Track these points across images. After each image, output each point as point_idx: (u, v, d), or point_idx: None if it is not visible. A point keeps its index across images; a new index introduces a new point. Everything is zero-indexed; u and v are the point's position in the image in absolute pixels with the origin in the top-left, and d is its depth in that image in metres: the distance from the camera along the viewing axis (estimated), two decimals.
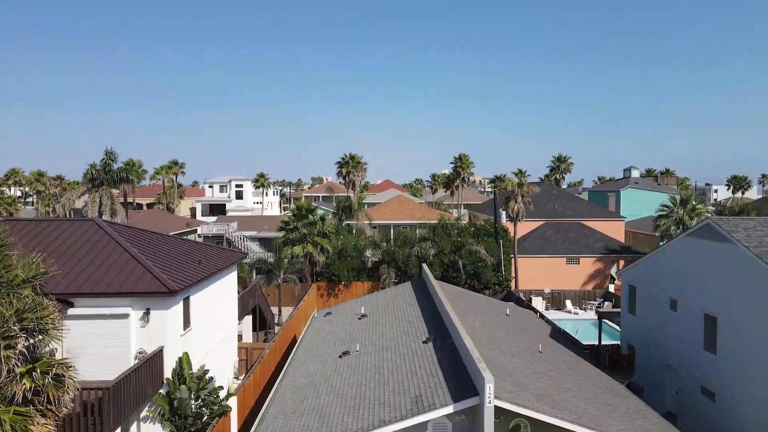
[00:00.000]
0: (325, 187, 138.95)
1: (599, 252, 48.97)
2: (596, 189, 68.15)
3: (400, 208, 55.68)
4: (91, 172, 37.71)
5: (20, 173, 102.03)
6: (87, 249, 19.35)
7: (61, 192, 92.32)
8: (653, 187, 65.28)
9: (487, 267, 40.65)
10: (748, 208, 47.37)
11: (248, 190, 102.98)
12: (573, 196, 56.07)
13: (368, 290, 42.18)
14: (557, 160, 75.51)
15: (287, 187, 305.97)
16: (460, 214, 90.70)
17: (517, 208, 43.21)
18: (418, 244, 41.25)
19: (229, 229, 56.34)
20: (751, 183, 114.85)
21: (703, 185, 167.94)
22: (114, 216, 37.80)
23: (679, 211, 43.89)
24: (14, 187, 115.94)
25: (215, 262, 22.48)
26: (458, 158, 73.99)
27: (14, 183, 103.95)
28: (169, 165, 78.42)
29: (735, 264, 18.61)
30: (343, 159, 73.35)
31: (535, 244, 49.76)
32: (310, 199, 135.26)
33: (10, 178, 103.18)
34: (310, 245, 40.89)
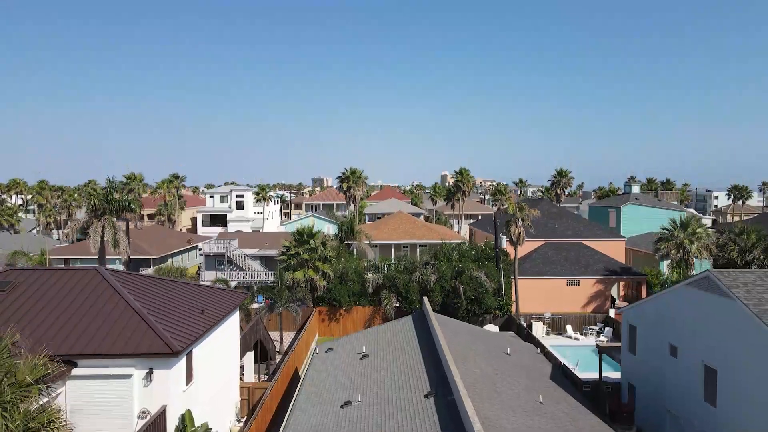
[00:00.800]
0: (325, 194, 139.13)
1: (600, 273, 49.02)
2: (597, 204, 68.26)
3: (400, 227, 55.77)
4: (93, 203, 37.75)
5: (22, 184, 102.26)
6: (90, 302, 19.47)
7: (62, 203, 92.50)
8: (653, 203, 65.37)
9: (487, 292, 40.73)
10: (748, 230, 47.23)
11: (249, 201, 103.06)
12: (573, 215, 56.16)
13: (369, 315, 42.37)
14: (558, 174, 75.61)
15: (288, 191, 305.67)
16: (460, 227, 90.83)
17: (517, 232, 43.27)
18: (419, 270, 41.35)
19: (230, 247, 56.38)
20: (751, 192, 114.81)
21: (703, 191, 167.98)
22: (117, 246, 37.89)
23: (680, 234, 43.95)
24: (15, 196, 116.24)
25: (217, 309, 22.59)
26: (459, 172, 74.07)
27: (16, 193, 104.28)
28: (170, 179, 78.63)
29: (735, 320, 18.69)
30: (343, 174, 73.51)
31: (536, 266, 49.79)
32: (311, 207, 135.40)
33: (12, 188, 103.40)
34: (311, 270, 41.01)
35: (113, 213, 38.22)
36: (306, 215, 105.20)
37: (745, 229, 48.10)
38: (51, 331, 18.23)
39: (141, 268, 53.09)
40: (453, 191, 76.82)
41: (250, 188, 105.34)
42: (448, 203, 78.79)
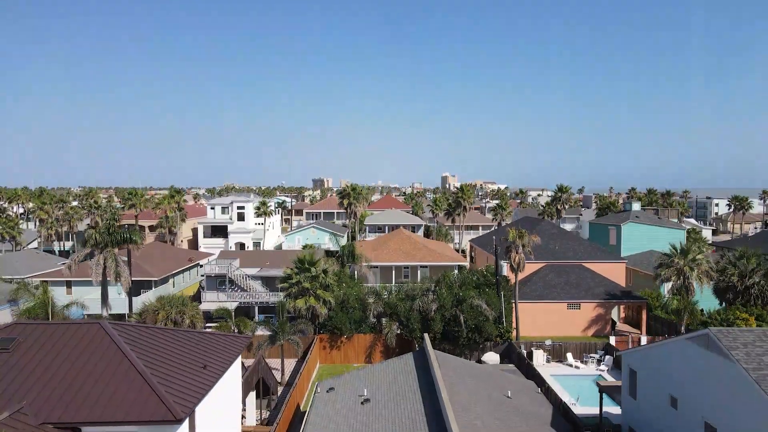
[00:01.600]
0: (326, 202, 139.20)
1: (600, 297, 49.16)
2: (597, 222, 68.33)
3: (401, 247, 55.85)
4: (94, 237, 37.85)
5: (24, 196, 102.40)
6: (94, 361, 19.60)
7: (63, 216, 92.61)
8: (653, 221, 65.47)
9: (488, 320, 40.82)
10: (748, 254, 47.32)
11: (250, 212, 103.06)
12: (574, 236, 56.26)
13: (370, 342, 42.49)
14: (559, 190, 75.62)
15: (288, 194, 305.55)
16: (461, 238, 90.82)
17: (518, 258, 43.37)
18: (419, 298, 41.45)
19: (231, 268, 56.50)
20: (751, 204, 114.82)
21: (704, 198, 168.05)
22: (119, 279, 37.98)
23: (680, 260, 44.05)
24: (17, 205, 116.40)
25: (220, 360, 22.71)
26: (459, 188, 74.19)
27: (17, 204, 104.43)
28: (171, 194, 78.74)
29: (735, 382, 18.79)
30: (344, 190, 73.57)
31: (536, 289, 49.93)
32: (312, 215, 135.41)
33: (14, 200, 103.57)
34: (312, 298, 41.13)
35: (115, 245, 38.29)
36: (307, 225, 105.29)
37: (745, 253, 48.24)
38: (56, 394, 18.38)
39: (142, 290, 53.22)
40: (453, 206, 76.93)
41: (251, 200, 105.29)
42: (448, 218, 78.89)
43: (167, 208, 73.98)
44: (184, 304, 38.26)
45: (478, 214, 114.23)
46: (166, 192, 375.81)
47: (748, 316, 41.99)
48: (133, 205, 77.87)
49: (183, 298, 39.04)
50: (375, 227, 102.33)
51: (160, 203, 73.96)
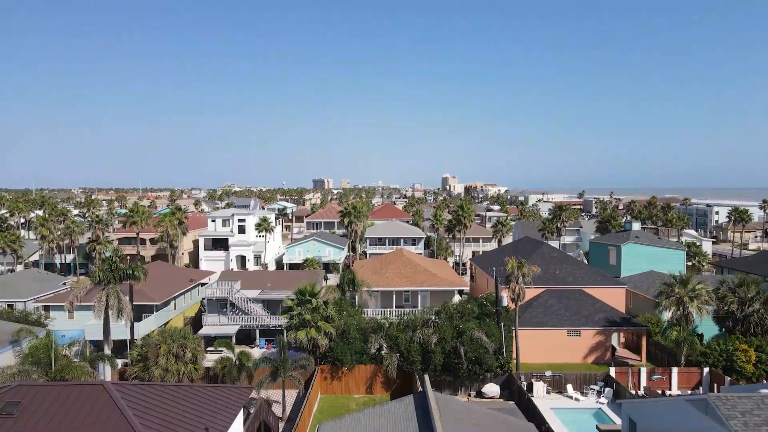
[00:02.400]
0: (326, 211, 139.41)
1: (600, 324, 49.33)
2: (597, 241, 68.52)
3: (402, 271, 56.00)
4: (98, 275, 38.01)
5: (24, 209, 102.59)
6: (98, 427, 19.78)
7: (65, 230, 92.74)
8: (653, 241, 65.65)
9: (488, 352, 40.98)
10: (747, 281, 47.48)
11: (251, 225, 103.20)
12: (574, 260, 56.44)
13: (371, 374, 42.67)
14: (558, 208, 75.86)
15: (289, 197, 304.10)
16: (462, 251, 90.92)
17: (518, 289, 43.52)
18: (420, 330, 41.61)
19: (232, 291, 56.66)
20: (751, 216, 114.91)
21: (704, 206, 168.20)
22: (120, 315, 38.14)
23: (680, 291, 44.24)
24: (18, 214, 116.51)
25: (222, 418, 22.88)
26: (459, 207, 74.46)
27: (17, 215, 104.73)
28: (172, 211, 78.97)
29: None
30: (345, 209, 73.81)
31: (537, 315, 50.10)
32: (312, 225, 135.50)
33: (15, 214, 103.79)
34: (313, 330, 41.30)
35: (117, 281, 38.46)
36: (308, 238, 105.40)
37: (745, 280, 48.41)
38: None
39: (144, 314, 53.38)
40: (454, 223, 77.21)
41: (252, 212, 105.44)
42: (449, 234, 79.12)
43: (168, 225, 74.13)
44: (185, 337, 38.40)
45: (478, 226, 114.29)
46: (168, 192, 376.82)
47: (747, 348, 42.18)
48: (134, 223, 78.11)
49: (184, 331, 39.19)
50: (375, 240, 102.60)
51: (161, 221, 74.16)
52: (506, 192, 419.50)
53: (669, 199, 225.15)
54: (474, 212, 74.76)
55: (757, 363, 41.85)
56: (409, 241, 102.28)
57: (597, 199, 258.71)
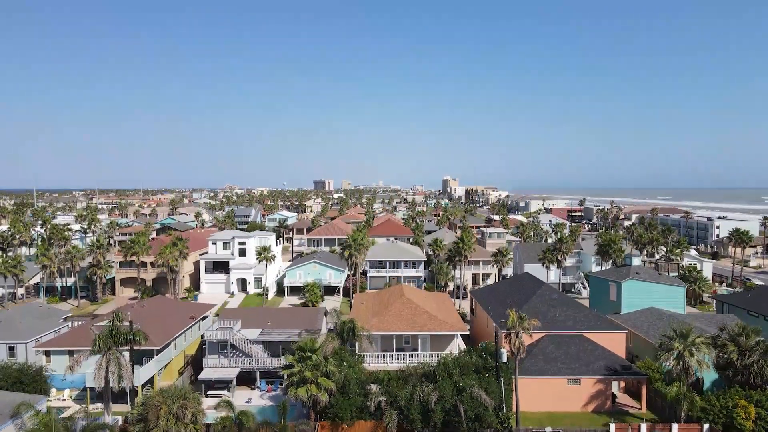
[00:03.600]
0: (327, 228, 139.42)
1: (600, 372, 49.34)
2: (598, 276, 68.54)
3: (402, 313, 56.02)
4: (98, 343, 38.08)
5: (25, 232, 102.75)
6: None
7: (66, 255, 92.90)
8: (654, 277, 65.64)
9: (488, 410, 41.04)
10: (748, 330, 47.47)
11: (251, 247, 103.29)
12: (574, 303, 56.42)
13: (371, 430, 42.74)
14: (558, 240, 75.94)
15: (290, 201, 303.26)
16: (463, 274, 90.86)
17: (518, 343, 43.57)
18: (419, 388, 41.67)
19: (232, 333, 56.71)
20: (752, 237, 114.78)
21: (705, 220, 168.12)
22: (121, 381, 38.24)
23: (679, 346, 44.25)
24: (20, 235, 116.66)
25: None
26: (460, 238, 74.55)
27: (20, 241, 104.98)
28: (173, 242, 79.11)
29: None
30: (346, 242, 73.90)
31: (537, 363, 50.12)
32: (313, 242, 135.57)
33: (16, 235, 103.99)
34: (314, 386, 41.35)
35: (119, 346, 38.55)
36: (309, 258, 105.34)
37: (745, 329, 48.43)
38: None
39: (145, 357, 53.44)
40: (454, 253, 77.35)
41: (253, 235, 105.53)
42: (449, 263, 79.21)
43: (169, 258, 74.26)
44: (185, 397, 38.47)
45: (479, 246, 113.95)
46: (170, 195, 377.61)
47: (747, 404, 42.18)
48: (134, 253, 78.29)
49: (184, 391, 39.22)
50: (376, 263, 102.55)
51: (162, 252, 74.20)
52: (507, 197, 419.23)
53: (669, 209, 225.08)
54: (474, 243, 74.76)
55: (757, 420, 41.88)
56: (409, 264, 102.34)
57: (598, 208, 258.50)
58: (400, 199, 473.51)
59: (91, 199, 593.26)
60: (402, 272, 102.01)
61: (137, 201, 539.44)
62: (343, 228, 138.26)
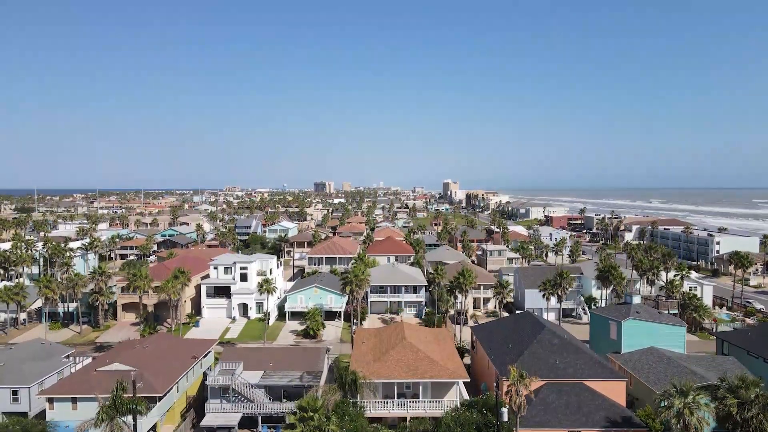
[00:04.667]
0: (328, 246, 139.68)
1: (600, 423, 49.44)
2: (599, 314, 68.72)
3: (403, 359, 56.24)
4: (101, 416, 38.31)
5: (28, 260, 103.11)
6: None
7: (69, 281, 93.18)
8: (654, 317, 65.83)
9: None
10: (748, 382, 47.61)
11: (252, 272, 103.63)
12: (575, 348, 56.55)
13: None
14: (559, 275, 76.26)
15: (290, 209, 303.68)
16: (464, 301, 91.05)
17: (518, 401, 43.79)
18: None
19: (234, 378, 56.97)
20: (752, 260, 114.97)
21: (705, 235, 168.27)
22: None
23: (679, 404, 44.41)
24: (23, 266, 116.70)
25: None
26: (461, 273, 74.87)
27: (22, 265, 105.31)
28: (175, 275, 79.39)
29: None
30: (346, 277, 74.24)
31: (537, 414, 50.29)
32: (314, 261, 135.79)
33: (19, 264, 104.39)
34: None
35: (122, 414, 38.81)
36: (310, 284, 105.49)
37: (745, 380, 48.59)
38: None
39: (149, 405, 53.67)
40: (454, 287, 77.73)
41: (253, 259, 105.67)
42: (450, 295, 79.51)
43: (171, 292, 74.57)
44: None
45: (479, 270, 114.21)
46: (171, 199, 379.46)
47: None
48: (136, 288, 78.66)
49: None
50: (377, 288, 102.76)
51: (164, 286, 74.47)
52: (507, 203, 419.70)
53: (670, 221, 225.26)
54: (475, 277, 75.05)
55: None
56: (410, 289, 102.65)
57: (598, 218, 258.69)
58: (401, 204, 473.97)
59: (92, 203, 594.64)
60: (403, 297, 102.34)
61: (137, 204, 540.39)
62: (344, 246, 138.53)
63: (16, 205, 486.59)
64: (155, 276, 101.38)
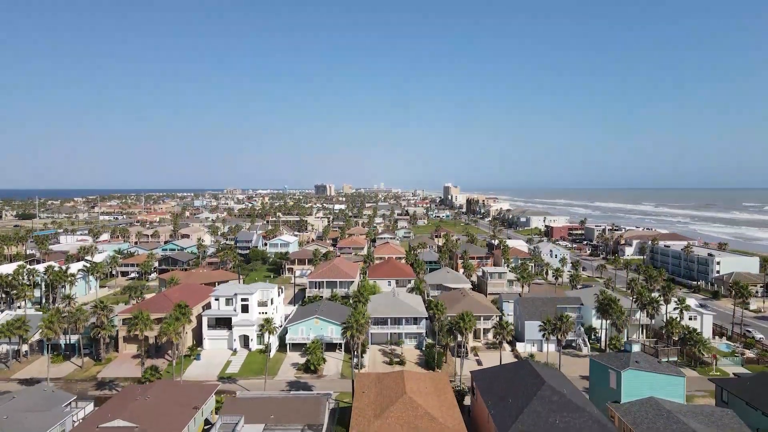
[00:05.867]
0: (329, 269, 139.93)
1: None
2: (599, 361, 68.96)
3: (403, 416, 56.50)
4: None
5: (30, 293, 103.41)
6: None
7: (71, 316, 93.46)
8: (654, 366, 66.03)
9: None
10: None
11: (254, 303, 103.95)
12: (575, 406, 56.68)
13: None
14: (559, 319, 76.55)
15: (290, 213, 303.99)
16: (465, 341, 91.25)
17: None
18: None
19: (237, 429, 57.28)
20: (751, 292, 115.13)
21: (705, 255, 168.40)
22: None
23: None
24: None
25: None
26: (460, 317, 75.26)
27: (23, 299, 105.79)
28: (176, 315, 79.69)
29: None
30: (347, 323, 74.66)
31: None
32: (315, 284, 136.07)
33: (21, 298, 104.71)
34: None
35: None
36: (311, 315, 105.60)
37: None
38: None
39: None
40: (454, 329, 78.11)
41: (253, 291, 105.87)
42: (450, 334, 79.80)
43: (172, 335, 74.89)
44: None
45: (479, 297, 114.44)
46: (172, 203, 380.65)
47: None
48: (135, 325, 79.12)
49: None
50: (378, 320, 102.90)
51: (165, 329, 74.73)
52: (508, 211, 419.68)
53: (669, 236, 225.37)
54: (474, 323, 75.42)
55: None
56: (411, 321, 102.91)
57: (599, 232, 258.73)
58: (402, 211, 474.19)
59: (93, 208, 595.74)
60: (403, 329, 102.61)
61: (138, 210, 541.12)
62: (345, 270, 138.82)
63: (17, 212, 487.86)
64: (156, 308, 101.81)
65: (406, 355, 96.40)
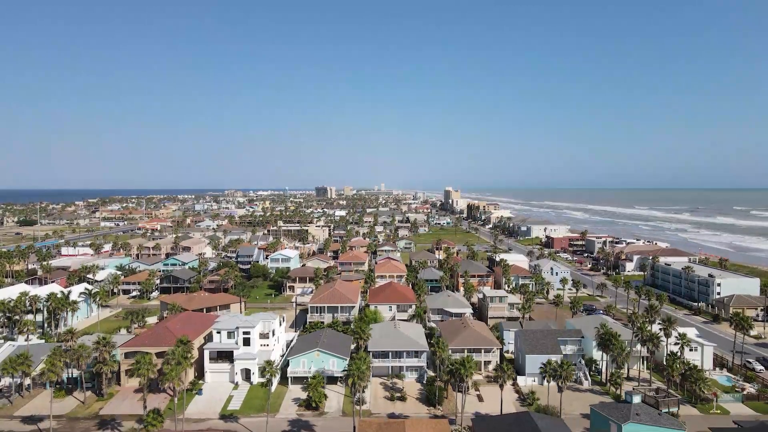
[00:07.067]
0: (330, 295, 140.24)
1: None
2: (599, 410, 69.28)
3: None
4: None
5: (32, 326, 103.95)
6: None
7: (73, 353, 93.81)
8: (654, 419, 66.30)
9: None
10: None
11: (255, 336, 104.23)
12: None
13: None
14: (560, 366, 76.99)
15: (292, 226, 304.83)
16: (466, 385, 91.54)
17: None
18: None
19: None
20: (753, 325, 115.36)
21: (706, 276, 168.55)
22: None
23: None
24: None
25: None
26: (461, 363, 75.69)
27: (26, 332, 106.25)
28: (177, 360, 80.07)
29: None
30: (349, 369, 75.09)
31: None
32: (315, 309, 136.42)
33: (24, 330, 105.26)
34: None
35: None
36: (311, 347, 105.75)
37: None
38: None
39: None
40: (454, 371, 78.44)
41: (254, 325, 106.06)
42: (453, 378, 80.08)
43: (175, 380, 75.22)
44: None
45: (480, 325, 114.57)
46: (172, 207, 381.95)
47: None
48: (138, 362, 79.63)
49: None
50: (379, 353, 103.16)
51: (169, 376, 74.94)
52: (509, 219, 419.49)
53: (670, 251, 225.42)
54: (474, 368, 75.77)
55: None
56: (411, 354, 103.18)
57: (599, 246, 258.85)
58: (402, 218, 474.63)
59: (94, 212, 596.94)
60: (404, 362, 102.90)
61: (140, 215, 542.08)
62: (346, 294, 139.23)
63: (18, 218, 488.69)
64: (157, 341, 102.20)
65: (407, 390, 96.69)
